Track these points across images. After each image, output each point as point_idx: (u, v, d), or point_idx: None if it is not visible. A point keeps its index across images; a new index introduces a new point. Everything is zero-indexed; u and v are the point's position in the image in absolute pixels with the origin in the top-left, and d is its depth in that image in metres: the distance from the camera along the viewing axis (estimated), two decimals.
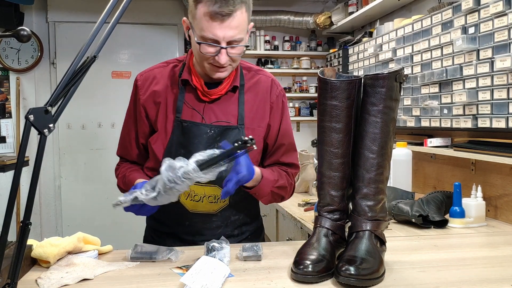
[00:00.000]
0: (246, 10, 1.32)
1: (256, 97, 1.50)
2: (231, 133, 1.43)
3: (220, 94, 1.45)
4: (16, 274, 0.92)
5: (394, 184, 2.18)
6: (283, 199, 1.52)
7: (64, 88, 0.94)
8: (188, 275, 1.04)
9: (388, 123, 1.16)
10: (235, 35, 1.30)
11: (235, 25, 1.29)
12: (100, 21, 0.97)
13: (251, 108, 1.48)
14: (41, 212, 4.35)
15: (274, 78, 1.57)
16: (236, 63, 1.41)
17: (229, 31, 1.29)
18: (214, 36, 1.29)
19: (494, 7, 1.83)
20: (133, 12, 4.27)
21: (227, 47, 1.31)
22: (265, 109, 1.50)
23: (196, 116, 1.44)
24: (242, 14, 1.30)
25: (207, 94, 1.44)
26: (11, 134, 4.24)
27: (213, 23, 1.28)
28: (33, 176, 0.91)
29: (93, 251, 1.31)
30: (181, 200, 1.45)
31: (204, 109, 1.45)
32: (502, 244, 1.54)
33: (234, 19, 1.28)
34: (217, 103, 1.46)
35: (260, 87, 1.51)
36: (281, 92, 1.55)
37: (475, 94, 1.98)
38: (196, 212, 1.46)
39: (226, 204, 1.47)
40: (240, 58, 1.40)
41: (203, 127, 1.43)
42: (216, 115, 1.45)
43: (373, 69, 3.07)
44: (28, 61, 4.24)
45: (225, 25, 1.28)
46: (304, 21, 4.28)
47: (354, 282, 1.05)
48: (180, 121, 1.43)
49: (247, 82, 1.51)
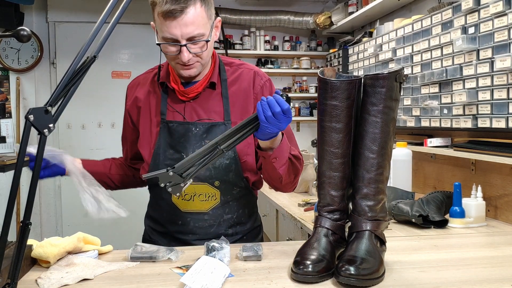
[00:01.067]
0: (202, 5, 1.32)
1: (239, 91, 1.49)
2: (217, 129, 1.44)
3: (197, 92, 1.45)
4: (16, 274, 0.92)
5: (394, 184, 2.18)
6: (296, 177, 1.45)
7: (64, 88, 0.94)
8: (188, 275, 1.04)
9: (388, 123, 1.16)
10: (192, 31, 1.31)
11: (190, 21, 1.29)
12: (100, 21, 0.97)
13: (234, 102, 1.47)
14: (41, 212, 4.35)
15: (257, 69, 1.55)
16: (205, 59, 1.40)
17: (185, 28, 1.30)
18: (171, 35, 1.31)
19: (494, 7, 1.83)
20: (133, 12, 4.26)
21: (186, 44, 1.32)
22: (248, 101, 1.49)
23: (177, 116, 1.46)
24: (196, 10, 1.30)
25: (184, 94, 1.45)
26: (11, 134, 4.24)
27: (166, 22, 1.29)
28: (33, 176, 0.91)
29: (93, 251, 1.31)
30: (173, 199, 1.46)
31: (185, 109, 1.46)
32: (502, 244, 1.54)
33: (187, 15, 1.29)
34: (197, 101, 1.47)
35: (242, 80, 1.50)
36: (266, 82, 1.52)
37: (475, 94, 1.98)
38: (188, 211, 1.47)
39: (218, 202, 1.47)
40: (207, 53, 1.39)
41: (188, 125, 1.44)
42: (198, 113, 1.46)
43: (373, 69, 3.07)
44: (28, 61, 4.24)
45: (179, 23, 1.29)
46: (304, 21, 4.28)
47: (354, 282, 1.05)
48: (165, 122, 1.45)
49: (229, 76, 1.50)
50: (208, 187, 1.44)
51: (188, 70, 1.39)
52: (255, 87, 1.50)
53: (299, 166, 1.45)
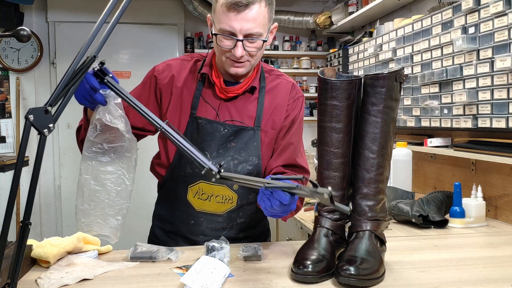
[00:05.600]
0: (266, 5, 1.31)
1: (275, 100, 1.48)
2: (245, 133, 1.42)
3: (237, 93, 1.43)
4: (16, 274, 0.92)
5: (394, 184, 2.18)
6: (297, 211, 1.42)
7: (64, 88, 0.94)
8: (188, 275, 1.04)
9: (388, 123, 1.16)
10: (252, 28, 1.29)
11: (252, 18, 1.28)
12: (100, 21, 0.97)
13: (267, 111, 1.46)
14: (41, 212, 4.35)
15: (294, 82, 1.55)
16: (255, 60, 1.39)
17: (245, 23, 1.28)
18: (230, 28, 1.29)
19: (494, 7, 1.83)
20: (133, 12, 4.27)
21: (243, 40, 1.30)
22: (282, 112, 1.48)
23: (210, 112, 1.43)
24: (261, 8, 1.29)
25: (224, 91, 1.43)
26: (11, 134, 4.24)
27: (229, 14, 1.27)
28: (33, 176, 0.91)
29: (93, 251, 1.31)
30: (188, 197, 1.44)
31: (219, 106, 1.44)
32: (502, 244, 1.54)
33: (251, 11, 1.27)
34: (233, 102, 1.44)
35: (280, 90, 1.50)
36: (301, 97, 1.54)
37: (475, 94, 1.98)
38: (202, 211, 1.44)
39: (234, 206, 1.45)
40: (260, 54, 1.38)
41: (217, 125, 1.41)
42: (231, 114, 1.44)
43: (373, 69, 3.07)
44: (28, 61, 4.24)
45: (242, 17, 1.27)
46: (304, 21, 4.28)
47: (354, 282, 1.05)
48: (195, 117, 1.42)
49: (268, 84, 1.49)
50: (226, 189, 1.42)
51: (237, 68, 1.36)
52: (290, 99, 1.50)
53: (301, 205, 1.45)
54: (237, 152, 1.42)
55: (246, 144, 1.43)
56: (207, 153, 1.40)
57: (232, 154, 1.42)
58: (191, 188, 1.43)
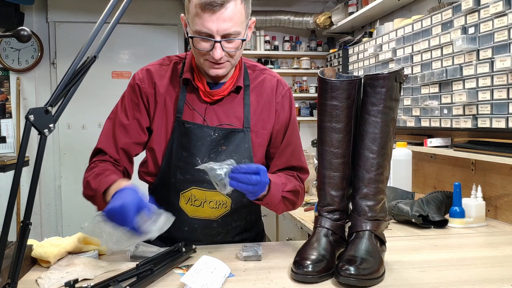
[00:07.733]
0: (242, 2, 1.26)
1: (261, 98, 1.44)
2: (236, 136, 1.38)
3: (223, 95, 1.39)
4: (16, 274, 0.93)
5: (394, 184, 2.18)
6: (295, 206, 1.43)
7: (64, 88, 0.94)
8: (188, 275, 1.04)
9: (388, 123, 1.16)
10: (229, 27, 1.24)
11: (229, 17, 1.23)
12: (100, 21, 0.97)
13: (255, 110, 1.42)
14: (41, 212, 4.35)
15: (280, 77, 1.50)
16: (235, 60, 1.34)
17: (222, 24, 1.22)
18: (207, 29, 1.24)
19: (494, 7, 1.83)
20: (133, 12, 4.27)
21: (221, 41, 1.25)
22: (270, 110, 1.44)
23: (197, 117, 1.39)
24: (237, 6, 1.24)
25: (209, 95, 1.38)
26: (11, 134, 4.24)
27: (204, 14, 1.22)
28: (33, 176, 0.91)
29: (93, 251, 1.31)
30: (181, 204, 1.39)
31: (206, 111, 1.39)
32: (502, 244, 1.54)
33: (227, 10, 1.22)
34: (220, 105, 1.40)
35: (265, 88, 1.45)
36: (287, 92, 1.48)
37: (475, 94, 1.98)
38: (196, 217, 1.40)
39: (228, 210, 1.41)
40: (239, 54, 1.34)
41: (207, 129, 1.37)
42: (219, 117, 1.39)
43: (373, 69, 3.07)
44: (28, 61, 4.24)
45: (217, 17, 1.22)
46: (304, 21, 4.29)
47: (354, 282, 1.05)
48: (181, 121, 1.38)
49: (252, 82, 1.45)
50: (219, 194, 1.36)
51: (217, 69, 1.32)
52: (277, 96, 1.46)
53: (296, 200, 1.42)
54: (228, 155, 1.37)
55: (237, 146, 1.39)
56: (198, 159, 1.36)
57: (224, 157, 1.36)
58: (183, 194, 1.39)
